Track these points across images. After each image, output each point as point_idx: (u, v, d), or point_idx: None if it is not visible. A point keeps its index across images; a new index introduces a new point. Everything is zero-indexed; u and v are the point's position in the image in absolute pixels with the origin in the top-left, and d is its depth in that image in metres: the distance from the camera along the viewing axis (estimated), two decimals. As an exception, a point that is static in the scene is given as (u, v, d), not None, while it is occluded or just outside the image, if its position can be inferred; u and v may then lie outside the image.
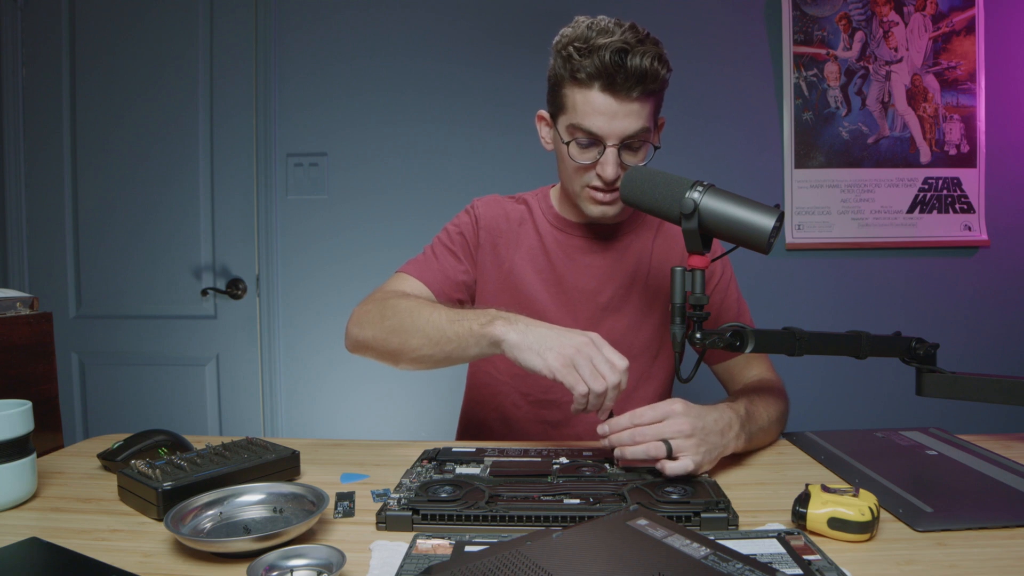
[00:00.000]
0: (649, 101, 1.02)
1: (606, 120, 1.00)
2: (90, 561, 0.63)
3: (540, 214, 1.22)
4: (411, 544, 0.66)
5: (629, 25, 1.01)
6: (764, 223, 0.82)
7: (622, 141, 1.02)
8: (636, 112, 1.00)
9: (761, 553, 0.62)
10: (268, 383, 2.19)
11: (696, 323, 0.87)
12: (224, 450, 0.88)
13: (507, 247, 1.20)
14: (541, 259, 1.19)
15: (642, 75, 0.97)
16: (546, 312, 1.16)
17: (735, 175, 2.08)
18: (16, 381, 1.02)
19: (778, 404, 1.05)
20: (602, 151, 1.03)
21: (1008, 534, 0.68)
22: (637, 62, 0.97)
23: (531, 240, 1.20)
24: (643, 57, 0.97)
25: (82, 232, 2.25)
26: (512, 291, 1.18)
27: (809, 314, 2.10)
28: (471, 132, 2.12)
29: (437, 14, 2.13)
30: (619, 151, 1.02)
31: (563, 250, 1.18)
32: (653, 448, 0.81)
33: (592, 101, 1.00)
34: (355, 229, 2.16)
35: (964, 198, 2.10)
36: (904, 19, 2.08)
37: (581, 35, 1.01)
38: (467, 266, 1.19)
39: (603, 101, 1.00)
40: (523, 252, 1.19)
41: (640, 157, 1.05)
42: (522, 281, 1.18)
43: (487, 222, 1.21)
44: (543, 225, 1.21)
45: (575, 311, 1.17)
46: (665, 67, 1.01)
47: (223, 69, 2.17)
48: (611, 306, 1.17)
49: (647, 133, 1.03)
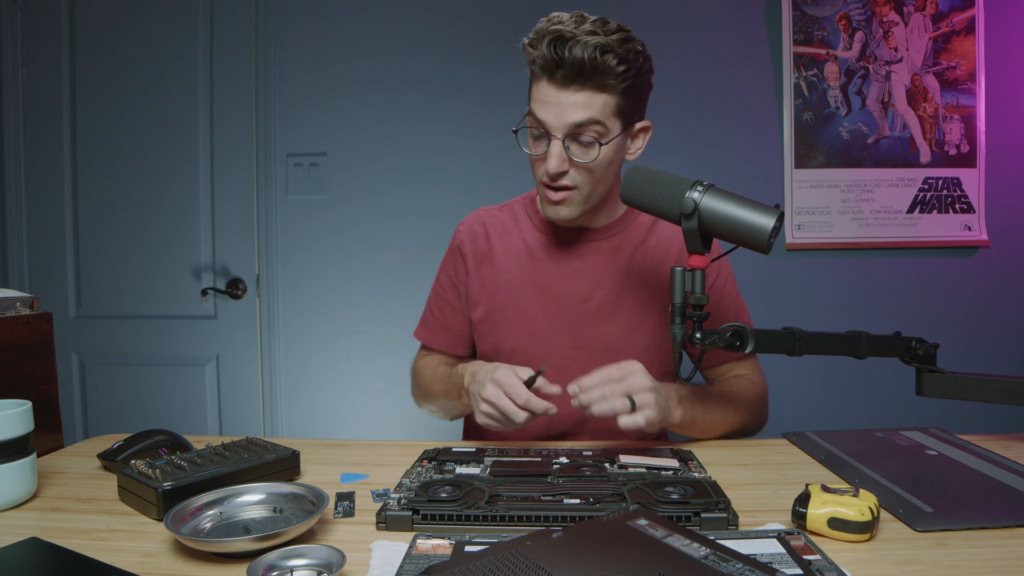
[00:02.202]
0: (602, 94, 0.99)
1: (550, 110, 1.00)
2: (90, 561, 0.63)
3: (526, 219, 1.21)
4: (411, 544, 0.66)
5: (598, 18, 0.99)
6: (764, 223, 0.82)
7: (567, 133, 1.00)
8: (581, 104, 0.99)
9: (761, 553, 0.62)
10: (268, 383, 2.19)
11: (696, 323, 0.87)
12: (224, 450, 0.88)
13: (490, 266, 1.19)
14: (528, 267, 1.17)
15: (580, 66, 0.96)
16: (535, 325, 1.15)
17: (735, 175, 2.07)
18: (16, 381, 1.02)
19: (742, 395, 1.12)
20: (549, 143, 1.02)
21: (1008, 534, 0.68)
22: (578, 52, 0.95)
23: (515, 251, 1.19)
24: (584, 48, 0.95)
25: (82, 232, 2.25)
26: (500, 310, 1.18)
27: (809, 314, 2.10)
28: (471, 132, 2.12)
29: (437, 14, 2.13)
30: (566, 145, 1.01)
31: (549, 256, 1.17)
32: (619, 403, 0.90)
33: (541, 91, 1.01)
34: (355, 229, 2.17)
35: (964, 198, 2.10)
36: (904, 19, 2.08)
37: (538, 28, 1.01)
38: (459, 304, 1.24)
39: (548, 91, 1.00)
40: (506, 266, 1.18)
41: (592, 155, 1.02)
42: (508, 299, 1.17)
43: (468, 248, 1.22)
44: (528, 231, 1.20)
45: (564, 319, 1.15)
46: (620, 61, 0.97)
47: (223, 69, 2.17)
48: (602, 312, 1.15)
49: (599, 128, 1.00)
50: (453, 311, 1.23)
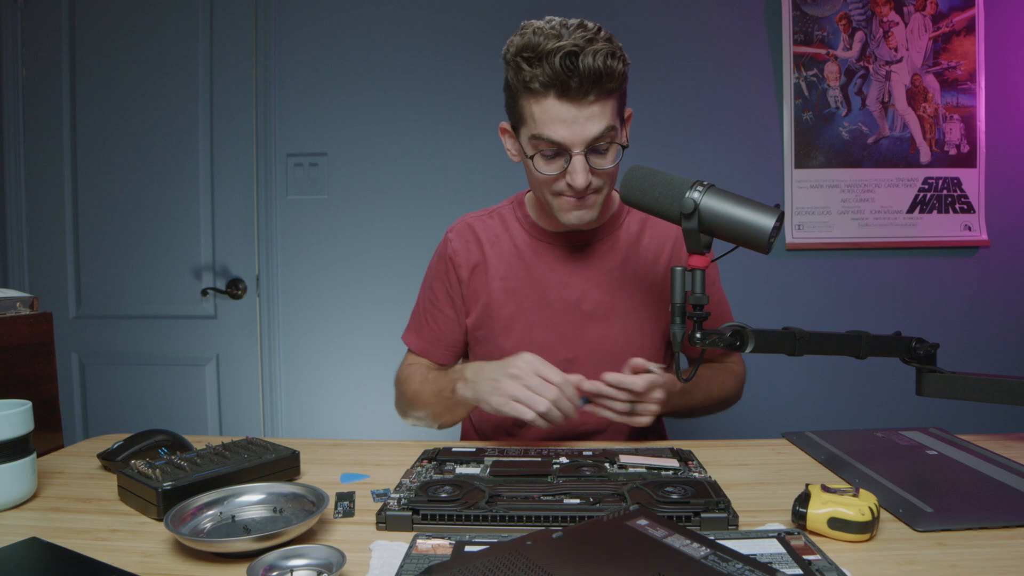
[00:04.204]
0: (610, 99, 0.99)
1: (567, 128, 0.97)
2: (90, 561, 0.63)
3: (516, 225, 1.20)
4: (411, 544, 0.66)
5: (577, 23, 0.97)
6: (764, 223, 0.82)
7: (588, 146, 0.99)
8: (597, 114, 0.97)
9: (761, 553, 0.62)
10: (268, 383, 2.19)
11: (696, 323, 0.87)
12: (224, 450, 0.88)
13: (483, 273, 1.18)
14: (521, 274, 1.16)
15: (597, 76, 0.94)
16: (531, 329, 1.15)
17: (735, 175, 2.07)
18: (16, 381, 1.02)
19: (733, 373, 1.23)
20: (568, 159, 0.99)
21: (1008, 534, 0.68)
22: (590, 62, 0.93)
23: (508, 257, 1.18)
24: (595, 57, 0.93)
25: (82, 232, 2.25)
26: (496, 316, 1.17)
27: (809, 314, 2.10)
28: (471, 132, 2.12)
29: (437, 14, 2.13)
30: (586, 156, 0.99)
31: (542, 260, 1.16)
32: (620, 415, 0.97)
33: (550, 111, 0.97)
34: (355, 229, 2.17)
35: (964, 198, 2.10)
36: (904, 19, 2.08)
37: (528, 43, 0.97)
38: (449, 314, 1.22)
39: (561, 109, 0.97)
40: (500, 272, 1.17)
41: (610, 159, 1.02)
42: (503, 304, 1.16)
43: (462, 257, 1.19)
44: (520, 237, 1.19)
45: (559, 322, 1.15)
46: (620, 61, 0.97)
47: (223, 69, 2.17)
48: (597, 313, 1.15)
49: (613, 132, 1.00)
50: (447, 320, 1.22)
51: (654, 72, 2.04)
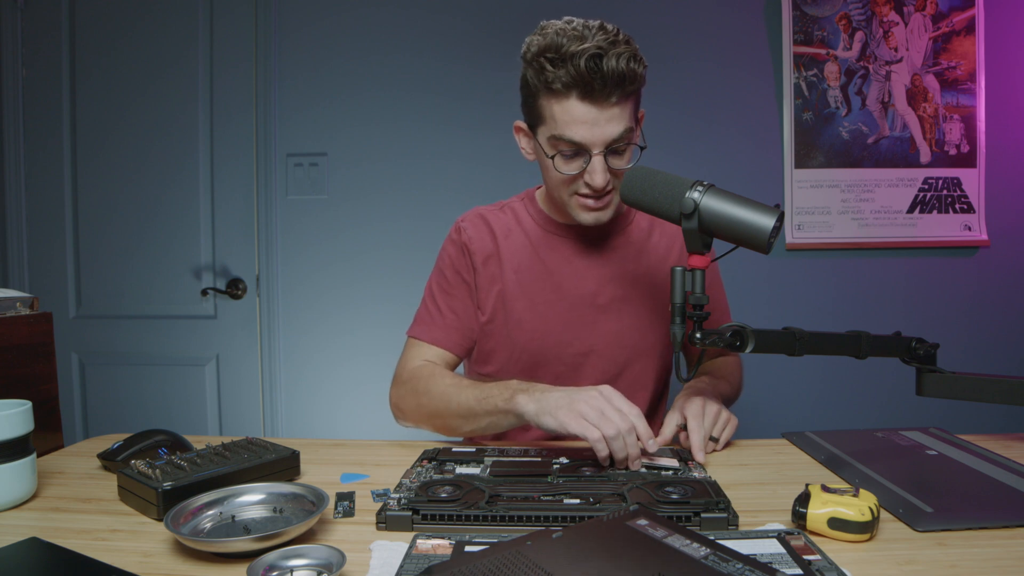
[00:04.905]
0: (629, 101, 1.00)
1: (588, 128, 0.98)
2: (90, 561, 0.63)
3: (529, 219, 1.19)
4: (411, 544, 0.66)
5: (598, 25, 0.98)
6: (764, 223, 0.82)
7: (607, 147, 1.00)
8: (618, 116, 0.98)
9: (761, 553, 0.62)
10: (268, 383, 2.19)
11: (696, 323, 0.87)
12: (224, 450, 0.88)
13: (496, 265, 1.17)
14: (536, 267, 1.16)
15: (620, 78, 0.95)
16: (546, 322, 1.14)
17: (735, 175, 2.07)
18: (16, 381, 1.02)
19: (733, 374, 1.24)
20: (588, 160, 1.01)
21: (1008, 534, 0.68)
22: (613, 65, 0.94)
23: (522, 250, 1.17)
24: (619, 59, 0.94)
25: (82, 232, 2.25)
26: (511, 309, 1.15)
27: (809, 314, 2.10)
28: (471, 132, 2.12)
29: (437, 14, 2.13)
30: (605, 157, 1.00)
31: (557, 253, 1.16)
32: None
33: (571, 111, 0.98)
34: (355, 229, 2.17)
35: (964, 198, 2.10)
36: (904, 19, 2.08)
37: (552, 43, 0.97)
38: (467, 302, 1.18)
39: (583, 110, 0.97)
40: (514, 265, 1.16)
41: (627, 159, 1.03)
42: (517, 297, 1.15)
43: (476, 245, 1.17)
44: (533, 231, 1.18)
45: (574, 316, 1.15)
46: (640, 64, 0.98)
47: (223, 69, 2.17)
48: (611, 307, 1.16)
49: (631, 133, 1.01)
50: (465, 308, 1.18)
51: (654, 72, 2.00)
